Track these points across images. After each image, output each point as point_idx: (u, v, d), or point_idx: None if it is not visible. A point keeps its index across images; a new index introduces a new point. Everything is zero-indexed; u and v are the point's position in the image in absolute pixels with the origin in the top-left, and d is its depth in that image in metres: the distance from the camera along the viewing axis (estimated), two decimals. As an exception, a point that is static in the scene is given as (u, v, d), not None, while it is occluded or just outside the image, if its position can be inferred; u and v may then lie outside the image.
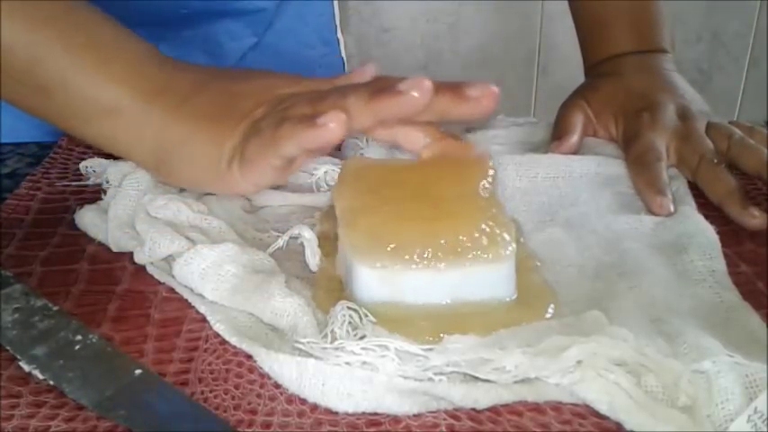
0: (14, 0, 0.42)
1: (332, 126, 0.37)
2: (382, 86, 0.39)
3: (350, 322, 0.37)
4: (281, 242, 0.45)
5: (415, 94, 0.38)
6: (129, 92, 0.43)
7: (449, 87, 0.39)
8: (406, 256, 0.39)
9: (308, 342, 0.36)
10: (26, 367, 0.36)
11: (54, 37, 0.43)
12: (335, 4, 0.82)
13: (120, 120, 0.43)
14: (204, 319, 0.40)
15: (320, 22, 0.80)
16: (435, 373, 0.35)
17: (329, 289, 0.42)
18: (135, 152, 0.44)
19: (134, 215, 0.46)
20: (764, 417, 0.31)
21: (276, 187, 0.53)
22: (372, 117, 0.39)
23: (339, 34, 0.83)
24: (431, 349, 0.35)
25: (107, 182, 0.52)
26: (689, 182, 0.52)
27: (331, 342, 0.36)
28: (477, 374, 0.34)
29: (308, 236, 0.44)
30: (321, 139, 0.38)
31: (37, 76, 0.43)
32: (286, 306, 0.38)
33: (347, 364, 0.35)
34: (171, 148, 0.43)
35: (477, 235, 0.41)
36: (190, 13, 0.67)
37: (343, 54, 0.83)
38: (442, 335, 0.37)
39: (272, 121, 0.41)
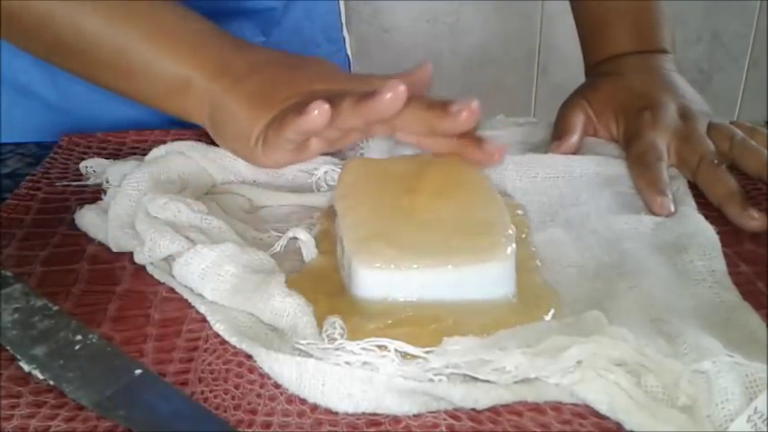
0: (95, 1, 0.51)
1: (314, 114, 0.44)
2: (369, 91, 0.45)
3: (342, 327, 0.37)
4: (278, 247, 0.45)
5: (389, 96, 0.43)
6: (195, 72, 0.51)
7: (438, 104, 0.45)
8: (406, 255, 0.39)
9: (308, 344, 0.36)
10: (26, 367, 0.36)
11: (132, 29, 0.51)
12: (341, 2, 0.82)
13: (189, 95, 0.51)
14: (204, 319, 0.40)
15: (326, 20, 0.80)
16: (435, 374, 0.35)
17: (328, 293, 0.42)
18: (198, 119, 0.53)
19: (134, 215, 0.46)
20: (764, 417, 0.31)
21: (276, 188, 0.53)
22: (358, 118, 0.45)
23: (345, 32, 0.83)
24: (430, 351, 0.35)
25: (107, 182, 0.52)
26: (689, 182, 0.52)
27: (330, 342, 0.36)
28: (477, 376, 0.34)
29: (305, 237, 0.44)
30: (310, 125, 0.45)
31: (121, 63, 0.51)
32: (286, 306, 0.38)
33: (347, 363, 0.35)
34: (222, 121, 0.51)
35: (477, 234, 0.41)
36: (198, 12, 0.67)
37: (349, 52, 0.83)
38: (441, 337, 0.37)
39: (288, 110, 0.48)
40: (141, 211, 0.45)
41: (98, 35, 0.51)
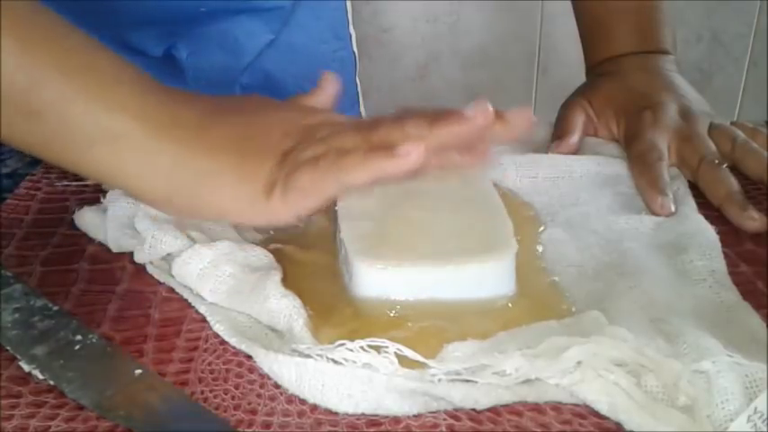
0: (6, 20, 0.39)
1: (413, 156, 0.37)
2: (440, 114, 0.39)
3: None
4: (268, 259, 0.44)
5: (480, 119, 0.39)
6: (135, 120, 0.40)
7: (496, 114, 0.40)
8: (407, 255, 0.39)
9: (308, 348, 0.36)
10: (26, 367, 0.36)
11: (50, 59, 0.40)
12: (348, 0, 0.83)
13: (127, 148, 0.41)
14: (204, 319, 0.40)
15: (334, 17, 0.80)
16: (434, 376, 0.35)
17: (327, 292, 0.42)
18: (145, 183, 0.42)
19: (133, 215, 0.46)
20: (764, 417, 0.31)
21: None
22: (436, 143, 0.39)
23: (351, 29, 0.83)
24: (431, 360, 0.35)
25: (107, 182, 0.52)
26: (689, 182, 0.52)
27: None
28: (477, 380, 0.34)
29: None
30: (400, 169, 0.38)
31: (31, 100, 0.39)
32: (281, 307, 0.38)
33: (347, 362, 0.35)
34: (191, 181, 0.41)
35: (477, 233, 0.41)
36: (208, 11, 0.67)
37: (355, 49, 0.83)
38: (443, 337, 0.37)
39: (319, 151, 0.40)
40: (140, 210, 0.45)
41: (6, 63, 0.38)
